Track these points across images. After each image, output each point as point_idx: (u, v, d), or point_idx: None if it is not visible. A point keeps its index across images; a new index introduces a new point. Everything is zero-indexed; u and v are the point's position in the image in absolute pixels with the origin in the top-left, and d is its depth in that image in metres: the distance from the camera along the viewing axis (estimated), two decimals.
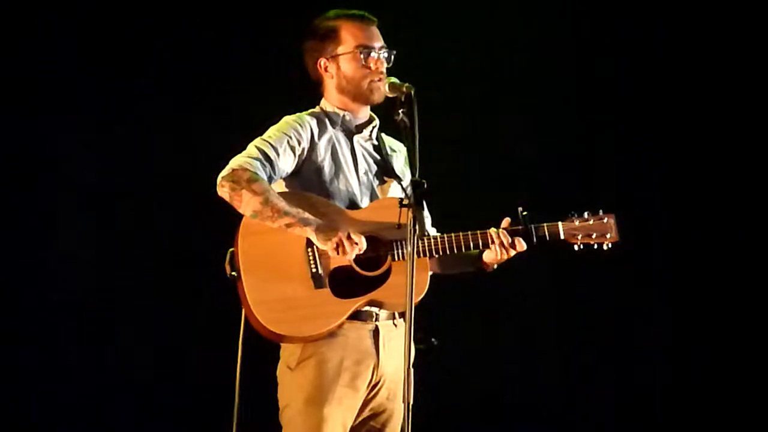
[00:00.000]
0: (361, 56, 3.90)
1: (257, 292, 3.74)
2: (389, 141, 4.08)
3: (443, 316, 5.04)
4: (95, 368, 5.37)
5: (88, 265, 5.38)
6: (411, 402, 3.31)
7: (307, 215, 3.74)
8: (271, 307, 3.73)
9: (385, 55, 3.92)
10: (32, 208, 5.33)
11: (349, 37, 3.91)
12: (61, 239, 5.36)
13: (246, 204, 3.73)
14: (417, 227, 3.44)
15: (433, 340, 3.82)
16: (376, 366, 3.82)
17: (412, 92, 3.68)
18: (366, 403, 3.85)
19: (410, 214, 3.44)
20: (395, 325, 3.88)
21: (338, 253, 3.71)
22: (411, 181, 3.51)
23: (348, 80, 3.92)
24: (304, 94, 4.04)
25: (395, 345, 3.84)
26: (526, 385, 5.75)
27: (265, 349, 3.84)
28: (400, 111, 3.68)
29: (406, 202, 3.48)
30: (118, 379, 5.39)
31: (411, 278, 3.38)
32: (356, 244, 3.70)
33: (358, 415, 3.84)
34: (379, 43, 3.93)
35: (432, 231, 4.00)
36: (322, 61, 3.95)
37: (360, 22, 3.94)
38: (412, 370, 3.32)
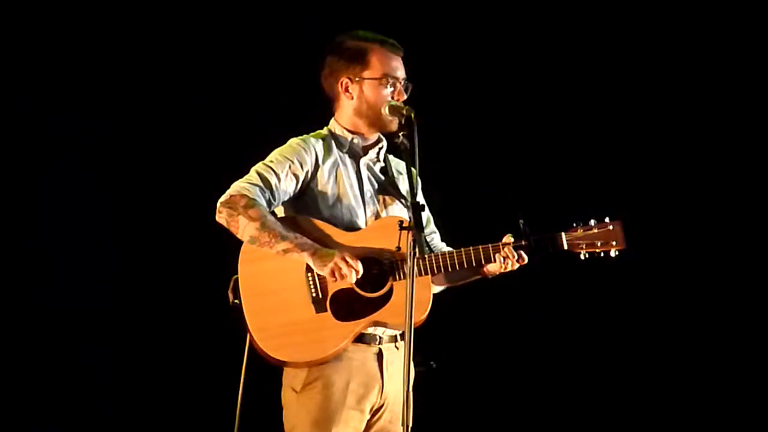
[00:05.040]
0: (388, 85, 3.87)
1: (258, 319, 3.72)
2: (395, 162, 4.06)
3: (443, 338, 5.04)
4: (102, 398, 5.40)
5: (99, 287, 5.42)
6: (410, 425, 3.29)
7: (304, 240, 3.72)
8: (273, 333, 3.72)
9: (406, 87, 3.90)
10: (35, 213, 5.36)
11: (377, 63, 3.88)
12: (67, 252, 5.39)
13: (243, 230, 3.72)
14: (416, 249, 3.42)
15: (431, 363, 3.80)
16: (381, 389, 3.81)
17: (412, 115, 3.67)
18: (369, 426, 3.84)
19: (410, 237, 3.43)
20: (396, 348, 3.87)
21: (336, 278, 3.70)
22: (411, 203, 3.48)
23: (369, 106, 3.89)
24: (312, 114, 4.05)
25: (396, 368, 3.83)
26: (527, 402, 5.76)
27: (268, 375, 3.84)
28: (400, 133, 3.68)
29: (405, 224, 3.46)
30: (125, 403, 5.42)
31: (410, 300, 3.36)
32: (353, 268, 3.69)
33: None
34: (403, 74, 3.91)
35: (442, 246, 4.00)
36: (345, 81, 3.90)
37: (390, 50, 3.91)
38: (411, 392, 3.30)
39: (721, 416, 5.67)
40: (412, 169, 3.58)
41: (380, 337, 3.82)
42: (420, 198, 3.73)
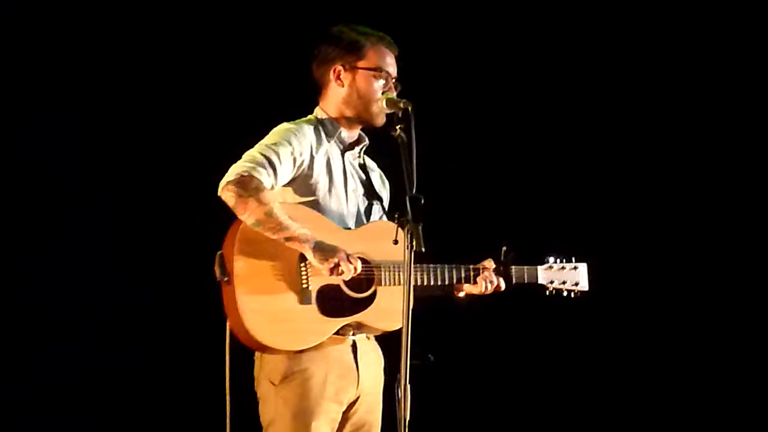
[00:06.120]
0: (380, 79, 3.89)
1: (248, 300, 3.69)
2: (367, 159, 4.08)
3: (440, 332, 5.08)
4: (82, 373, 5.33)
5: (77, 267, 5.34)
6: (408, 418, 3.32)
7: (305, 231, 3.70)
8: (260, 317, 3.69)
9: (396, 86, 3.93)
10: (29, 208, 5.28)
11: (374, 55, 3.91)
12: (55, 238, 5.32)
13: (251, 213, 3.67)
14: (414, 242, 3.44)
15: (429, 356, 3.82)
16: (357, 380, 3.84)
17: (410, 108, 3.68)
18: (346, 418, 3.86)
19: (407, 229, 3.45)
20: (367, 338, 3.91)
21: (333, 274, 3.70)
22: (408, 196, 3.49)
23: (360, 96, 3.90)
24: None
25: (369, 358, 3.89)
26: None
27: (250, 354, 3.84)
28: (397, 127, 3.67)
29: (403, 218, 3.47)
30: (105, 385, 5.35)
31: (408, 292, 3.39)
32: (353, 266, 3.71)
33: (339, 430, 3.84)
34: (395, 72, 3.94)
35: None
36: (338, 68, 3.91)
37: (387, 47, 3.94)
38: (408, 386, 3.32)
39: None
40: (411, 162, 3.58)
41: (353, 330, 3.84)
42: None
